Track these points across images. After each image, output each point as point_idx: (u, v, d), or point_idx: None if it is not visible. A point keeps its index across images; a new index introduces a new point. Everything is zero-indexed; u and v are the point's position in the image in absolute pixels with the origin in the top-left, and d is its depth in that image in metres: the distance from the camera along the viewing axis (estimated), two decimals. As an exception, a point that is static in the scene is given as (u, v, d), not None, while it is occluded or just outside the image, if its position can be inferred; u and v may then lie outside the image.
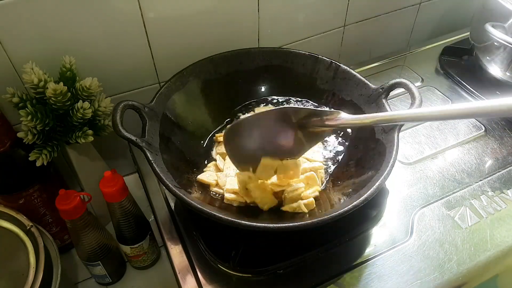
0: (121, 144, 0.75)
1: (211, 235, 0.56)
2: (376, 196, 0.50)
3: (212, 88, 0.69)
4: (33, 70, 0.56)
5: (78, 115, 0.58)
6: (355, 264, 0.56)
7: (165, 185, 0.50)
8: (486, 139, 0.72)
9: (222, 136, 0.65)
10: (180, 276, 0.55)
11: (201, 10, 0.69)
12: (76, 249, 0.64)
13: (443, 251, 0.56)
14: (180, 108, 0.64)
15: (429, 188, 0.65)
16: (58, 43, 0.61)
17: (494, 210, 0.61)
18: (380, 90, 0.61)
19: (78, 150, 0.65)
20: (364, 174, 0.56)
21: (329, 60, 0.68)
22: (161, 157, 0.55)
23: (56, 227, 0.69)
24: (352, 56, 0.94)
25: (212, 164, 0.62)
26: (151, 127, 0.57)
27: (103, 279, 0.69)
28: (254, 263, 0.55)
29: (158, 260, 0.74)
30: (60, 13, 0.59)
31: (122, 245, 0.67)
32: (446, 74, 0.86)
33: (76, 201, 0.57)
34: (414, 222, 0.60)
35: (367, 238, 0.59)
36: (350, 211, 0.47)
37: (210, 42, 0.72)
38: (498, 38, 0.71)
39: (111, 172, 0.58)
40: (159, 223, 0.62)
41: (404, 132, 0.73)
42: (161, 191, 0.66)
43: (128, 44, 0.67)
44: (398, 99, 0.79)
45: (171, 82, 0.63)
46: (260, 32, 0.77)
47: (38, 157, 0.59)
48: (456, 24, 1.01)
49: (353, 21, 0.87)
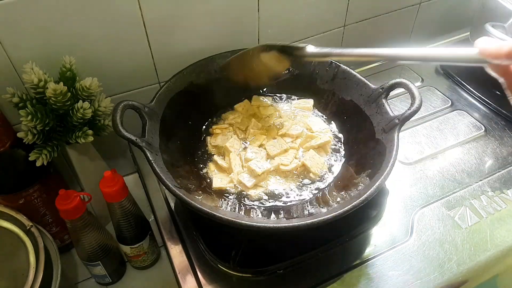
0: (121, 144, 0.76)
1: (211, 235, 0.56)
2: (376, 196, 0.50)
3: (212, 88, 0.69)
4: (33, 70, 0.56)
5: (78, 115, 0.58)
6: (355, 264, 0.56)
7: (165, 185, 0.50)
8: (486, 139, 0.72)
9: (217, 128, 0.66)
10: (180, 276, 0.55)
11: (201, 10, 0.69)
12: (76, 249, 0.64)
13: (443, 251, 0.56)
14: (180, 108, 0.64)
15: (429, 188, 0.65)
16: (58, 43, 0.61)
17: (494, 210, 0.61)
18: (380, 90, 0.61)
19: (78, 150, 0.65)
20: (364, 174, 0.56)
21: (329, 60, 0.68)
22: (161, 157, 0.55)
23: (56, 227, 0.69)
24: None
25: (212, 165, 0.62)
26: (151, 127, 0.57)
27: (103, 279, 0.69)
28: (254, 263, 0.55)
29: (158, 260, 0.74)
30: (60, 13, 0.59)
31: (122, 245, 0.66)
32: (446, 74, 0.86)
33: (76, 201, 0.57)
34: (414, 222, 0.60)
35: (367, 238, 0.59)
36: (350, 211, 0.47)
37: (210, 42, 0.72)
38: (498, 38, 0.71)
39: (111, 172, 0.58)
40: (159, 223, 0.62)
41: (404, 132, 0.73)
42: (161, 191, 0.66)
43: (128, 44, 0.67)
44: (398, 99, 0.79)
45: (171, 82, 0.63)
46: (260, 32, 0.77)
47: (38, 157, 0.59)
48: (456, 24, 1.01)
49: (353, 21, 0.87)
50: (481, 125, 0.74)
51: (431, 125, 0.75)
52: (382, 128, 0.58)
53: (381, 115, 0.60)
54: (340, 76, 0.67)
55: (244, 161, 0.60)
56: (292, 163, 0.60)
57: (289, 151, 0.62)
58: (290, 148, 0.62)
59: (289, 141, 0.63)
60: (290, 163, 0.60)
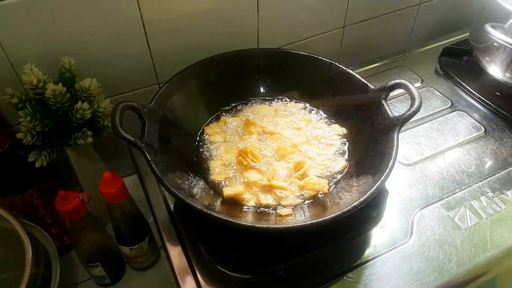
0: (121, 145, 0.75)
1: (211, 236, 0.56)
2: (376, 197, 0.50)
3: (212, 88, 0.68)
4: (32, 71, 0.56)
5: (77, 116, 0.58)
6: (355, 265, 0.55)
7: (164, 186, 0.50)
8: (486, 140, 0.72)
9: (208, 128, 0.66)
10: (180, 277, 0.55)
11: (200, 11, 0.69)
12: (76, 250, 0.64)
13: (443, 252, 0.56)
14: (180, 109, 0.64)
15: (429, 189, 0.64)
16: (57, 44, 0.61)
17: (493, 211, 0.61)
18: (379, 91, 0.61)
19: (78, 151, 0.65)
20: (364, 175, 0.56)
21: (328, 61, 0.68)
22: (160, 158, 0.55)
23: (55, 228, 0.69)
24: (352, 57, 0.94)
25: (218, 165, 0.62)
26: (151, 128, 0.57)
27: (102, 280, 0.69)
28: (253, 264, 0.55)
29: (157, 261, 0.74)
30: (59, 14, 0.59)
31: (122, 246, 0.66)
32: (445, 75, 0.86)
33: (76, 202, 0.57)
34: (414, 223, 0.60)
35: (366, 239, 0.59)
36: (349, 212, 0.47)
37: (209, 43, 0.72)
38: (497, 39, 0.71)
39: (111, 173, 0.58)
40: (159, 224, 0.62)
41: (403, 133, 0.73)
42: (160, 192, 0.66)
43: (127, 45, 0.67)
44: (398, 100, 0.79)
45: (171, 83, 0.63)
46: (260, 33, 0.77)
47: (38, 158, 0.59)
48: (455, 24, 1.01)
49: (353, 22, 0.87)
50: (481, 126, 0.74)
51: (431, 126, 0.75)
52: (382, 129, 0.58)
53: (380, 116, 0.60)
54: (340, 77, 0.67)
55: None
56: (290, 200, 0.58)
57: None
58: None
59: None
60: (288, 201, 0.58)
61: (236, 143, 0.64)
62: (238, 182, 0.59)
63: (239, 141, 0.65)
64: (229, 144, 0.64)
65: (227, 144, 0.65)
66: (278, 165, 0.61)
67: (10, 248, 0.59)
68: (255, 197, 0.57)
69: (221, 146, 0.64)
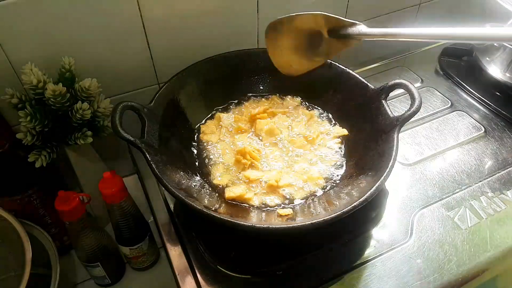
0: (121, 145, 0.75)
1: (211, 236, 0.56)
2: (376, 197, 0.50)
3: (212, 88, 0.68)
4: (32, 71, 0.56)
5: (77, 116, 0.58)
6: (355, 265, 0.55)
7: (164, 186, 0.50)
8: (486, 140, 0.72)
9: (204, 126, 0.66)
10: (180, 277, 0.55)
11: (200, 11, 0.69)
12: (75, 250, 0.64)
13: (443, 252, 0.56)
14: (180, 109, 0.64)
15: (429, 189, 0.64)
16: (57, 44, 0.61)
17: (493, 211, 0.61)
18: (379, 91, 0.61)
19: (78, 151, 0.65)
20: (364, 175, 0.56)
21: (328, 61, 0.68)
22: (160, 158, 0.55)
23: (55, 228, 0.69)
24: (352, 57, 0.93)
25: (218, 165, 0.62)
26: (151, 128, 0.57)
27: (102, 280, 0.69)
28: (253, 264, 0.55)
29: (157, 261, 0.74)
30: (59, 14, 0.59)
31: (122, 246, 0.66)
32: (445, 75, 0.86)
33: (75, 202, 0.57)
34: (414, 223, 0.60)
35: (367, 239, 0.59)
36: (349, 212, 0.47)
37: (209, 43, 0.72)
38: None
39: (111, 173, 0.58)
40: (159, 224, 0.62)
41: (403, 133, 0.73)
42: (160, 192, 0.66)
43: (127, 45, 0.67)
44: (398, 100, 0.79)
45: (171, 83, 0.63)
46: (260, 33, 0.77)
47: (37, 158, 0.59)
48: (455, 24, 1.01)
49: (352, 22, 0.87)
50: (480, 126, 0.74)
51: (431, 126, 0.75)
52: (382, 129, 0.58)
53: (380, 116, 0.60)
54: (340, 77, 0.67)
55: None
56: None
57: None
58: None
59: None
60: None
61: (235, 142, 0.64)
62: (239, 183, 0.59)
63: (238, 140, 0.65)
64: (228, 144, 0.64)
65: (226, 143, 0.64)
66: (276, 165, 0.61)
67: (10, 248, 0.59)
68: (257, 196, 0.57)
69: (220, 146, 0.64)
